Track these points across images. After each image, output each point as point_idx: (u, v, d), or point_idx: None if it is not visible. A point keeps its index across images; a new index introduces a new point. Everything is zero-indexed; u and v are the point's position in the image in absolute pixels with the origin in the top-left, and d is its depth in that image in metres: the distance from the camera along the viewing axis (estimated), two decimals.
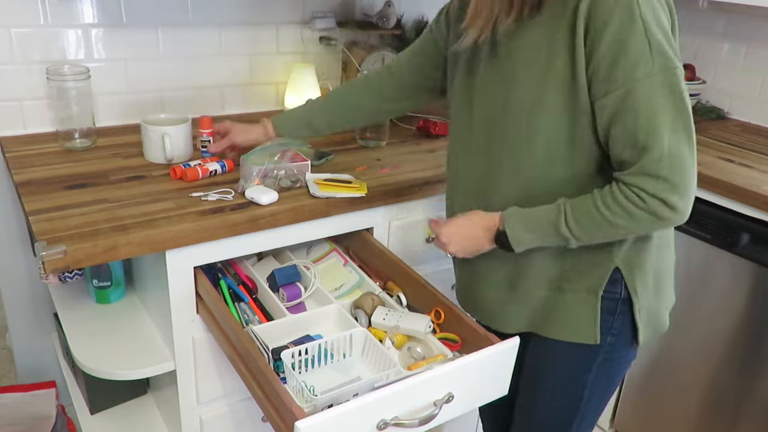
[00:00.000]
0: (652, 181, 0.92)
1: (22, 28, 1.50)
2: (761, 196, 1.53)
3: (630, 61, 0.89)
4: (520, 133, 1.01)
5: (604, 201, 0.96)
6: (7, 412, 1.57)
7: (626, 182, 0.94)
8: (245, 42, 1.80)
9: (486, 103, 1.07)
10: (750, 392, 1.68)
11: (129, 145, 1.53)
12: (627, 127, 0.92)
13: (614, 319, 1.08)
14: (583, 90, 0.94)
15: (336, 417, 0.86)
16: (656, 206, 0.93)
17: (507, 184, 1.06)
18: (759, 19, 2.05)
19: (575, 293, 1.08)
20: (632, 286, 1.06)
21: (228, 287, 1.24)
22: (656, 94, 0.89)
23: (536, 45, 0.97)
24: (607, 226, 0.97)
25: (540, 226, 1.01)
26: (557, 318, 1.10)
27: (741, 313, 1.66)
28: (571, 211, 0.98)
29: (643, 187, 0.92)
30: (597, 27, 0.89)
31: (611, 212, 0.95)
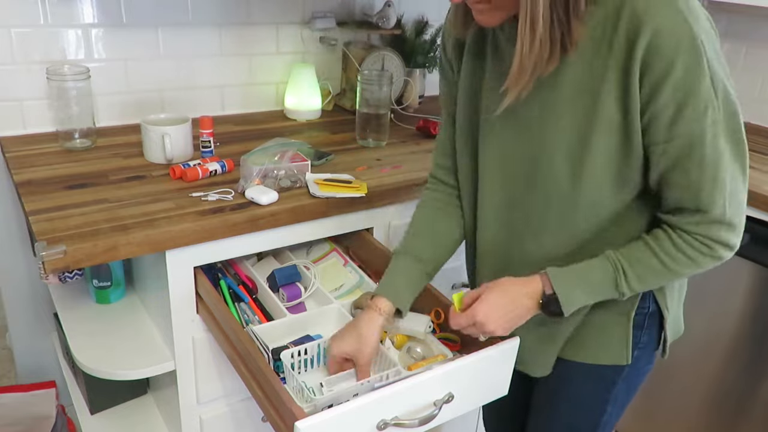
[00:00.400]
0: (718, 228, 0.90)
1: (22, 28, 1.50)
2: (761, 196, 1.53)
3: (697, 110, 0.83)
4: (563, 179, 0.94)
5: (666, 251, 0.92)
6: (7, 412, 1.57)
7: (690, 231, 0.91)
8: (245, 42, 1.80)
9: (519, 152, 0.99)
10: (751, 392, 1.68)
11: (129, 145, 1.53)
12: (690, 175, 0.87)
13: (642, 334, 1.05)
14: (637, 134, 0.88)
15: (336, 417, 0.86)
16: (721, 251, 0.92)
17: (549, 237, 1.00)
18: (759, 18, 2.05)
19: (606, 315, 1.03)
20: (663, 303, 1.04)
21: (228, 287, 1.24)
22: (722, 140, 0.86)
23: (573, 87, 0.90)
24: (669, 276, 0.94)
25: (594, 286, 0.95)
26: (586, 342, 1.06)
27: (741, 313, 1.66)
28: (629, 267, 0.93)
29: (711, 236, 0.90)
30: (659, 71, 0.82)
31: (676, 262, 0.92)
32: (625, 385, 1.10)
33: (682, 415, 1.86)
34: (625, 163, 0.91)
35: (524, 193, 1.00)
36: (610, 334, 1.05)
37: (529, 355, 1.09)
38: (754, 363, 1.65)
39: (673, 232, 0.92)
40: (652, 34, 0.81)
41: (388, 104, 1.65)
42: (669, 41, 0.80)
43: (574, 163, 0.92)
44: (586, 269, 0.95)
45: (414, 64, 2.00)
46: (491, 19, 0.90)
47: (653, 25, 0.81)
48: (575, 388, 1.12)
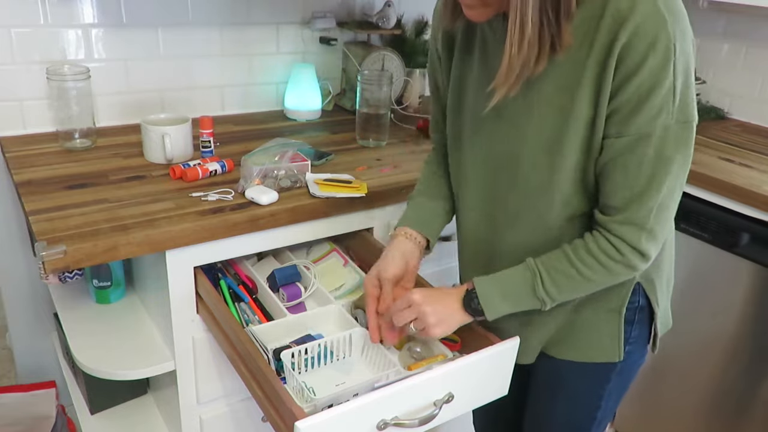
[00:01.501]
0: (636, 231, 0.90)
1: (22, 28, 1.50)
2: (761, 196, 1.53)
3: (652, 110, 0.84)
4: (542, 176, 0.96)
5: (580, 258, 0.93)
6: (7, 412, 1.57)
7: (608, 230, 0.91)
8: (245, 42, 1.80)
9: (503, 149, 1.00)
10: (751, 392, 1.68)
11: (129, 145, 1.53)
12: (629, 173, 0.88)
13: (633, 329, 1.06)
14: (600, 127, 0.89)
15: (336, 417, 0.86)
16: (632, 257, 0.91)
17: (526, 231, 1.01)
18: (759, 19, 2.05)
19: (595, 312, 1.05)
20: (654, 297, 1.05)
21: (228, 287, 1.24)
22: (667, 145, 0.86)
23: (554, 84, 0.91)
24: (584, 284, 0.95)
25: (513, 291, 0.97)
26: (577, 340, 1.07)
27: (741, 313, 1.66)
28: (547, 274, 0.95)
29: (624, 237, 0.90)
30: (629, 68, 0.83)
31: (590, 269, 0.93)
32: (618, 380, 1.11)
33: (681, 415, 1.86)
34: (587, 159, 0.92)
35: (506, 189, 1.02)
36: (601, 332, 1.06)
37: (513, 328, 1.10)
38: (754, 363, 1.65)
39: (590, 237, 0.94)
40: (632, 32, 0.82)
41: (388, 104, 1.65)
42: (644, 40, 0.81)
43: (551, 159, 0.94)
44: (506, 275, 0.98)
45: (414, 64, 2.00)
46: (480, 15, 0.90)
47: (634, 23, 0.81)
48: (571, 385, 1.13)
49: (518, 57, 0.85)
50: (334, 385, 1.03)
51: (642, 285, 1.04)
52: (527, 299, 0.97)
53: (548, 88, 0.91)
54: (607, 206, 0.93)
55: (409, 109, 1.99)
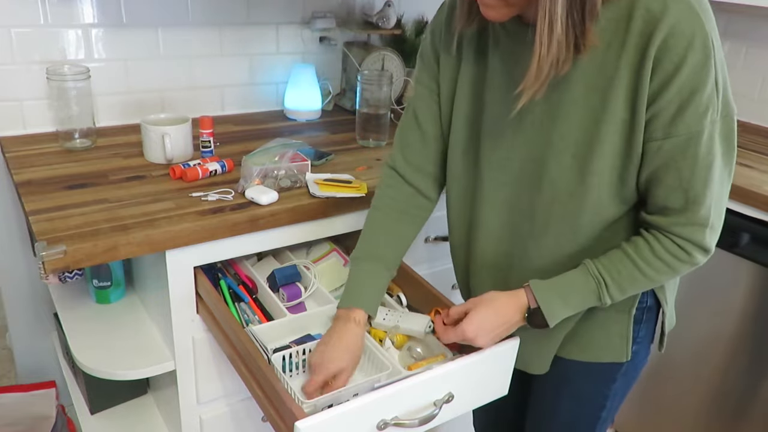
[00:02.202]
0: (701, 230, 0.89)
1: (22, 28, 1.50)
2: (761, 196, 1.53)
3: (699, 109, 0.83)
4: (570, 179, 0.94)
5: (645, 259, 0.92)
6: (7, 412, 1.57)
7: (670, 232, 0.90)
8: (245, 42, 1.80)
9: (524, 153, 0.98)
10: (751, 392, 1.68)
11: (129, 145, 1.53)
12: (682, 175, 0.87)
13: (640, 329, 1.06)
14: (639, 132, 0.87)
15: (336, 417, 0.86)
16: (698, 256, 0.91)
17: (552, 239, 0.99)
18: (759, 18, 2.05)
19: (606, 313, 1.03)
20: (663, 297, 1.05)
21: (228, 287, 1.24)
22: (715, 141, 0.86)
23: (589, 84, 0.89)
24: (647, 284, 0.95)
25: (577, 299, 0.96)
26: (587, 340, 1.07)
27: (741, 313, 1.66)
28: (611, 280, 0.94)
29: (692, 239, 0.90)
30: (668, 69, 0.82)
31: (655, 270, 0.92)
32: (624, 380, 1.11)
33: (682, 415, 1.86)
34: (626, 164, 0.90)
35: (529, 194, 0.99)
36: (610, 332, 1.06)
37: (527, 354, 1.09)
38: (755, 363, 1.65)
39: (652, 238, 0.92)
40: (668, 33, 0.81)
41: (388, 104, 1.65)
42: (682, 40, 0.80)
43: (581, 163, 0.92)
44: (568, 283, 0.96)
45: (414, 64, 2.00)
46: (501, 15, 0.88)
47: (669, 24, 0.80)
48: (576, 386, 1.13)
49: (547, 57, 0.84)
50: None
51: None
52: (588, 304, 0.97)
53: (575, 89, 0.90)
54: (663, 209, 0.91)
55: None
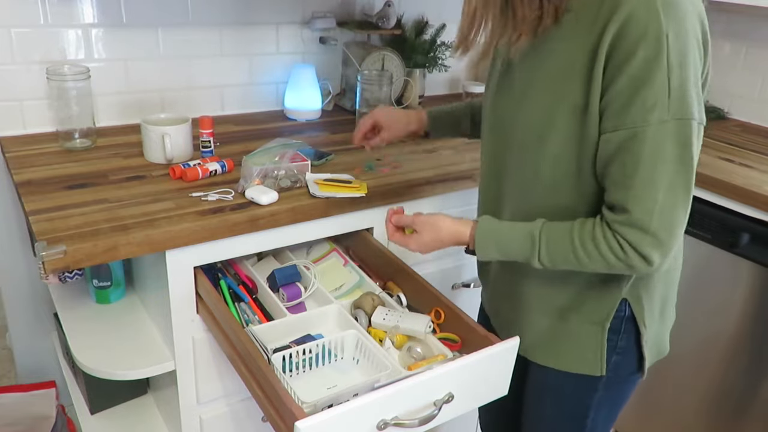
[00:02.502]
0: (639, 234, 0.87)
1: (22, 28, 1.50)
2: (761, 196, 1.53)
3: (646, 103, 0.83)
4: (529, 157, 0.97)
5: (582, 242, 0.92)
6: (7, 412, 1.57)
7: (612, 228, 0.90)
8: (245, 42, 1.80)
9: (498, 125, 1.04)
10: (751, 392, 1.68)
11: (129, 145, 1.53)
12: (626, 170, 0.86)
13: (619, 338, 1.04)
14: (593, 120, 0.88)
15: (336, 417, 0.86)
16: (635, 259, 0.89)
17: (514, 209, 1.04)
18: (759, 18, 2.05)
19: (580, 324, 1.04)
20: (640, 318, 1.03)
21: (228, 287, 1.24)
22: (664, 142, 0.84)
23: (552, 65, 0.91)
24: (579, 266, 0.94)
25: (512, 251, 0.98)
26: (560, 348, 1.07)
27: (741, 313, 1.66)
28: (545, 246, 0.95)
29: (628, 239, 0.88)
30: (620, 58, 0.83)
31: (587, 255, 0.92)
32: (608, 393, 1.09)
33: (681, 415, 1.86)
34: (581, 150, 0.92)
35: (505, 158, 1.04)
36: (583, 344, 1.05)
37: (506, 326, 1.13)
38: (754, 363, 1.65)
39: (598, 224, 0.92)
40: (623, 21, 0.81)
41: (388, 104, 1.65)
42: (635, 29, 0.81)
43: (540, 140, 0.94)
44: (510, 235, 0.99)
45: (414, 64, 2.00)
46: None
47: (626, 12, 0.81)
48: (557, 394, 1.13)
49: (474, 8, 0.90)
50: (325, 388, 1.03)
51: (628, 301, 1.02)
52: (520, 257, 0.98)
53: (547, 66, 0.92)
54: (610, 204, 0.91)
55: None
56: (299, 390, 0.96)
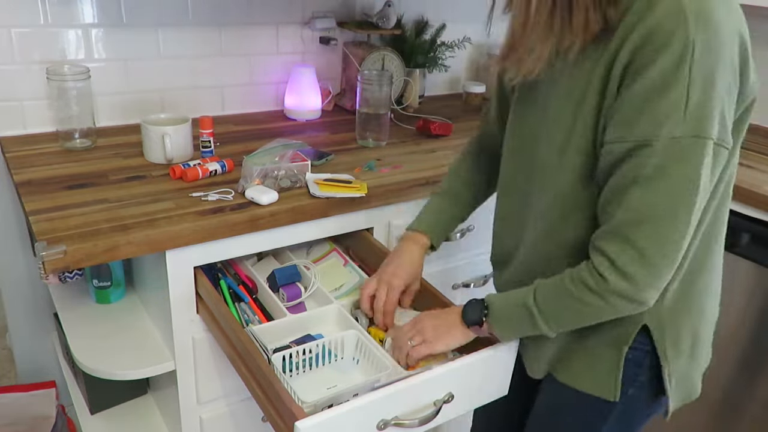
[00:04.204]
0: (617, 244, 0.80)
1: (22, 28, 1.50)
2: (761, 196, 1.53)
3: (658, 114, 0.76)
4: (550, 168, 0.92)
5: (572, 275, 0.86)
6: (7, 412, 1.57)
7: (593, 247, 0.84)
8: (245, 42, 1.80)
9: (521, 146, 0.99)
10: (750, 392, 1.68)
11: (129, 145, 1.53)
12: (624, 180, 0.80)
13: (640, 372, 0.96)
14: (601, 133, 0.84)
15: (336, 417, 0.86)
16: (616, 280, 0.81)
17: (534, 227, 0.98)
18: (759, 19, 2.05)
19: (596, 343, 0.96)
20: (662, 349, 0.94)
21: (228, 287, 1.24)
22: (672, 159, 0.76)
23: (578, 77, 0.86)
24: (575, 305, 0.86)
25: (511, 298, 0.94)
26: (575, 365, 1.00)
27: (741, 313, 1.66)
28: (542, 286, 0.90)
29: (605, 251, 0.81)
30: (637, 66, 0.77)
31: (575, 287, 0.85)
32: (619, 425, 1.02)
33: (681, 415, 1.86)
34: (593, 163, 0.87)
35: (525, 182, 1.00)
36: (598, 364, 0.98)
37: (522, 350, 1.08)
38: (754, 363, 1.65)
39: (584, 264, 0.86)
40: (649, 29, 0.76)
41: (388, 104, 1.65)
42: (659, 38, 0.75)
43: (559, 157, 0.90)
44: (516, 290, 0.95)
45: (414, 64, 2.00)
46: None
47: (653, 21, 0.76)
48: (568, 414, 1.06)
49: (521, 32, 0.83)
50: (325, 388, 1.03)
51: (649, 327, 0.93)
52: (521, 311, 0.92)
53: (570, 79, 0.87)
54: (601, 221, 0.85)
55: (409, 109, 1.99)
56: (299, 390, 0.96)
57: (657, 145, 0.77)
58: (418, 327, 1.03)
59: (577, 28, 0.80)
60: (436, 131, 1.74)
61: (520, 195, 1.02)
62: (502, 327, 0.96)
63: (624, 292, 0.82)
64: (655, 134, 0.77)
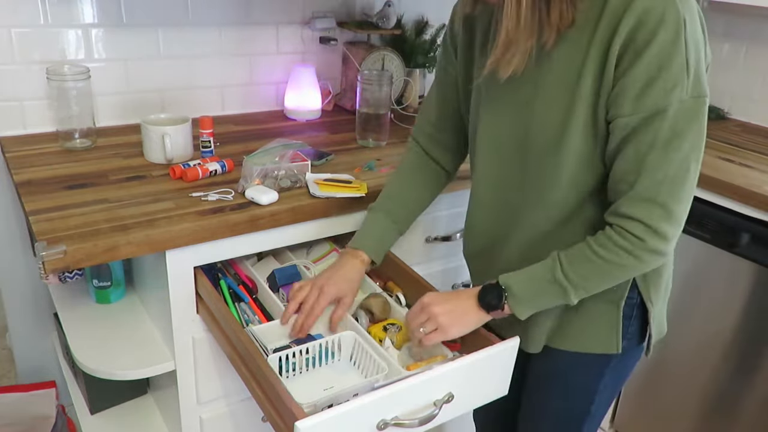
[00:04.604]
0: (647, 208, 0.89)
1: (22, 28, 1.50)
2: (761, 196, 1.53)
3: (667, 84, 0.84)
4: (548, 156, 0.97)
5: (598, 241, 0.94)
6: (7, 412, 1.58)
7: (620, 214, 0.91)
8: (245, 42, 1.80)
9: (514, 130, 1.01)
10: (749, 391, 1.68)
11: (129, 145, 1.53)
12: (641, 147, 0.88)
13: (630, 324, 1.07)
14: (602, 111, 0.90)
15: (336, 417, 0.86)
16: (649, 239, 0.90)
17: (533, 213, 1.03)
18: (759, 19, 2.05)
19: (595, 304, 1.04)
20: (647, 296, 1.05)
21: (228, 287, 1.24)
22: (682, 119, 0.86)
23: (566, 64, 0.92)
24: (607, 268, 0.94)
25: (534, 277, 0.98)
26: (576, 329, 1.08)
27: (741, 313, 1.66)
28: (565, 257, 0.96)
29: (636, 216, 0.89)
30: (638, 46, 0.84)
31: (607, 251, 0.92)
32: (612, 375, 1.12)
33: (681, 415, 1.86)
34: (595, 145, 0.93)
35: (518, 170, 1.03)
36: (599, 323, 1.07)
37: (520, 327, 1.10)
38: (754, 363, 1.65)
39: (610, 228, 0.94)
40: (641, 12, 0.83)
41: (388, 104, 1.65)
42: (654, 17, 0.83)
43: (557, 140, 0.95)
44: (529, 267, 0.99)
45: (414, 64, 2.00)
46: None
47: (642, 5, 0.83)
48: (565, 379, 1.14)
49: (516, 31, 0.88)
50: (322, 389, 1.03)
51: (637, 281, 1.04)
52: (549, 285, 0.97)
53: (556, 68, 0.93)
54: (616, 191, 0.92)
55: (409, 109, 1.99)
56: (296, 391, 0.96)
57: (670, 110, 0.85)
58: (429, 312, 1.02)
59: (554, 21, 0.88)
60: None
61: (507, 186, 1.06)
62: (525, 305, 1.00)
63: (658, 248, 0.91)
64: (666, 101, 0.85)
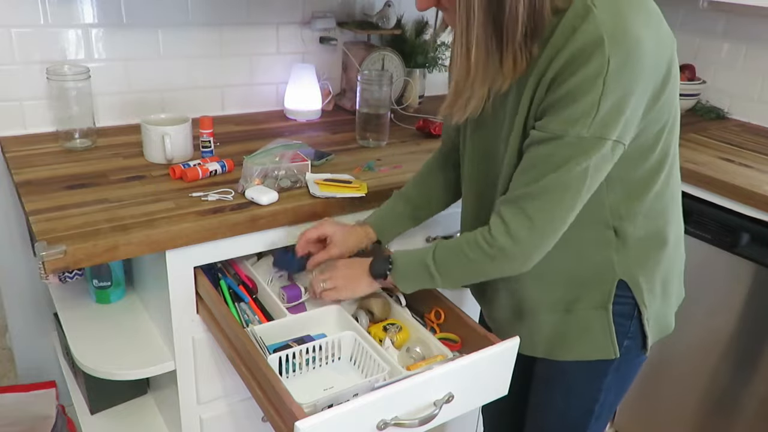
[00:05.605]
0: (515, 212, 0.94)
1: (22, 28, 1.50)
2: (761, 196, 1.53)
3: (570, 117, 0.88)
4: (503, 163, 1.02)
5: (469, 238, 1.00)
6: (7, 412, 1.58)
7: (495, 210, 0.98)
8: (245, 42, 1.80)
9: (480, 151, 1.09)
10: (749, 391, 1.68)
11: (129, 145, 1.53)
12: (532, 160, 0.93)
13: (630, 324, 1.07)
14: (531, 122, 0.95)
15: (336, 417, 0.86)
16: (497, 234, 0.96)
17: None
18: (759, 19, 2.05)
19: (584, 311, 1.06)
20: (640, 299, 1.05)
21: (228, 287, 1.24)
22: (576, 152, 0.89)
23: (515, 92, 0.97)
24: (469, 266, 1.00)
25: (415, 259, 1.06)
26: (571, 340, 1.09)
27: (741, 313, 1.66)
28: (441, 247, 1.03)
29: (503, 215, 0.95)
30: (563, 77, 0.88)
31: (471, 249, 0.99)
32: (617, 375, 1.12)
33: (681, 415, 1.86)
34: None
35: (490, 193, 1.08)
36: (593, 330, 1.08)
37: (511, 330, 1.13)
38: (754, 363, 1.65)
39: (486, 225, 0.99)
40: (574, 50, 0.85)
41: (388, 104, 1.65)
42: (582, 56, 0.85)
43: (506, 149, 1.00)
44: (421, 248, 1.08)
45: (414, 64, 2.00)
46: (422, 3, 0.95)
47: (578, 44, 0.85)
48: (568, 380, 1.15)
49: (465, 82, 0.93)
50: (322, 390, 1.03)
51: (626, 282, 1.04)
52: (421, 268, 1.05)
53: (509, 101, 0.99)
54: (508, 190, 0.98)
55: (409, 109, 1.99)
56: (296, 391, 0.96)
57: (566, 139, 0.89)
58: (332, 273, 1.14)
59: (507, 71, 0.92)
60: (436, 131, 1.74)
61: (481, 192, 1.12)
62: (403, 281, 1.08)
63: (506, 247, 0.96)
64: (565, 131, 0.89)
